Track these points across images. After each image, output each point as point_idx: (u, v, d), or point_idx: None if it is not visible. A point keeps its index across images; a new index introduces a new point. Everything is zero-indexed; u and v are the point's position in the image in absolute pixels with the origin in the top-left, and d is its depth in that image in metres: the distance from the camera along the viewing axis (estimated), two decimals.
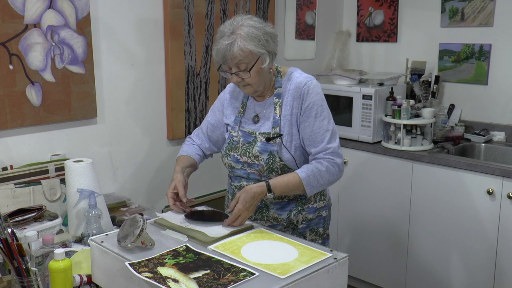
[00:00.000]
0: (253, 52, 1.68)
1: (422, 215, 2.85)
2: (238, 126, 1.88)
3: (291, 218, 1.87)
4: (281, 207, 1.87)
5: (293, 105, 1.80)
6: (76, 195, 1.81)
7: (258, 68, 1.71)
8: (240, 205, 1.63)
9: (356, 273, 3.18)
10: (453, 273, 2.77)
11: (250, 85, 1.75)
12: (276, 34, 1.77)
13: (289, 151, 1.79)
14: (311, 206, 1.90)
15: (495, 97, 3.09)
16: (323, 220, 1.95)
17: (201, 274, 1.27)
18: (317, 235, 1.93)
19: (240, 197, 1.65)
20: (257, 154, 1.80)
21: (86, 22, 2.24)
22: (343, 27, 3.73)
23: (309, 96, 1.78)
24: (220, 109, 1.98)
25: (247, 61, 1.69)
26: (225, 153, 1.90)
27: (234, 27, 1.69)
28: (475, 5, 3.09)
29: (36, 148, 2.17)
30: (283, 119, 1.80)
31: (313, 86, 1.79)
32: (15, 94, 2.06)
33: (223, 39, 1.69)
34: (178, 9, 2.58)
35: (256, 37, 1.68)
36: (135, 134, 2.55)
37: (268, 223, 1.88)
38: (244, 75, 1.71)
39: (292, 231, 1.89)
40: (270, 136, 1.79)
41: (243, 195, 1.65)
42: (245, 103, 1.91)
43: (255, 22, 1.71)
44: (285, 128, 1.80)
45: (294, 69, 1.87)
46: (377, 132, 3.06)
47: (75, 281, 1.44)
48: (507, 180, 2.51)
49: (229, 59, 1.68)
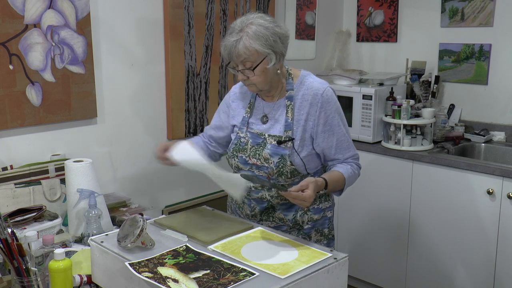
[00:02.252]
0: (258, 51, 1.66)
1: (422, 215, 2.86)
2: (246, 127, 1.86)
3: (297, 218, 1.87)
4: (287, 208, 1.86)
5: (309, 112, 1.78)
6: (76, 195, 1.81)
7: (263, 68, 1.70)
8: (311, 192, 1.58)
9: (356, 273, 3.18)
10: (453, 273, 2.77)
11: (255, 84, 1.74)
12: (286, 35, 1.74)
13: (300, 156, 1.78)
14: (316, 207, 1.89)
15: (495, 97, 3.09)
16: (328, 221, 1.95)
17: (201, 274, 1.27)
18: (322, 235, 1.93)
19: (309, 186, 1.59)
20: (268, 157, 1.78)
21: (86, 22, 2.24)
22: (343, 27, 3.73)
23: (330, 105, 1.79)
24: (225, 110, 1.96)
25: (252, 60, 1.68)
26: (232, 154, 1.88)
27: (244, 24, 1.68)
28: (475, 5, 3.09)
29: (36, 148, 2.17)
30: (296, 123, 1.78)
31: (330, 94, 1.81)
32: (15, 94, 2.06)
33: (231, 35, 1.68)
34: (178, 9, 2.58)
35: (263, 36, 1.66)
36: (135, 134, 2.55)
37: (274, 224, 1.87)
38: (249, 73, 1.71)
39: (297, 232, 1.88)
40: (282, 139, 1.78)
41: (313, 184, 1.60)
42: (252, 103, 1.89)
43: (266, 22, 1.69)
44: (297, 133, 1.78)
45: (306, 73, 1.86)
46: (377, 132, 3.06)
47: (75, 281, 1.44)
48: (507, 180, 2.51)
49: (234, 56, 1.68)
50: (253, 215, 1.89)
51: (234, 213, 2.00)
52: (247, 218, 1.89)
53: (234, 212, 2.00)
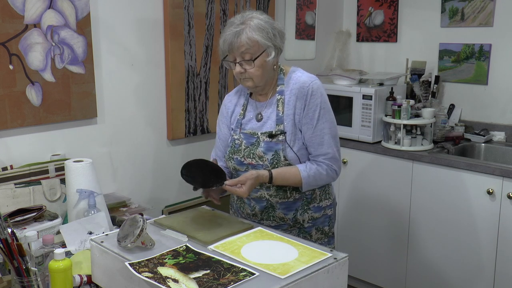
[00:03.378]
0: (259, 43, 1.70)
1: (422, 215, 2.85)
2: (239, 129, 1.88)
3: (297, 217, 1.88)
4: (287, 207, 1.87)
5: (296, 105, 1.80)
6: (76, 195, 1.81)
7: (262, 61, 1.72)
8: (246, 189, 1.67)
9: (356, 273, 3.18)
10: (453, 273, 2.77)
11: (251, 78, 1.75)
12: (283, 32, 1.80)
13: (293, 149, 1.79)
14: (316, 205, 1.90)
15: (495, 97, 3.09)
16: (329, 219, 1.95)
17: (201, 274, 1.27)
18: (323, 233, 1.94)
19: (247, 182, 1.67)
20: (261, 155, 1.80)
21: (86, 22, 2.24)
22: (343, 27, 3.73)
23: (313, 97, 1.78)
24: (224, 121, 1.97)
25: (252, 51, 1.70)
26: (228, 156, 1.89)
27: (245, 18, 1.72)
28: (475, 5, 3.09)
29: (36, 148, 2.17)
30: (286, 118, 1.80)
31: (316, 87, 1.79)
32: (15, 94, 2.06)
33: (232, 27, 1.71)
34: (178, 9, 2.58)
35: (264, 29, 1.71)
36: (135, 134, 2.55)
37: (275, 223, 1.88)
38: (248, 65, 1.72)
39: (298, 230, 1.89)
40: (273, 133, 1.79)
41: (250, 181, 1.68)
42: (245, 105, 1.90)
43: (265, 17, 1.76)
44: (288, 127, 1.80)
45: (296, 68, 1.88)
46: (377, 132, 3.06)
47: (75, 281, 1.44)
48: (507, 180, 2.51)
49: (236, 47, 1.70)
50: (254, 215, 1.90)
51: (236, 212, 2.00)
52: (248, 218, 1.90)
53: (236, 211, 2.00)
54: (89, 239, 1.50)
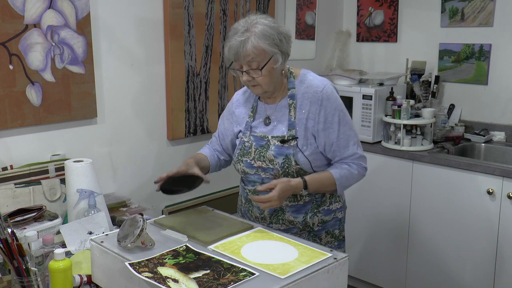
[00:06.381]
0: (266, 50, 1.66)
1: (422, 215, 2.86)
2: (249, 132, 1.85)
3: (307, 220, 1.85)
4: (297, 210, 1.84)
5: (309, 110, 1.77)
6: (76, 195, 1.81)
7: (270, 68, 1.69)
8: (276, 193, 1.63)
9: (356, 273, 3.18)
10: (453, 273, 2.77)
11: (260, 85, 1.72)
12: (289, 35, 1.75)
13: (304, 154, 1.77)
14: (326, 208, 1.87)
15: (495, 97, 3.09)
16: (339, 222, 1.93)
17: (201, 274, 1.27)
18: (333, 237, 1.91)
19: (277, 185, 1.65)
20: (272, 158, 1.77)
21: (86, 22, 2.24)
22: (343, 27, 3.73)
23: (329, 102, 1.76)
24: (228, 117, 1.96)
25: (259, 60, 1.66)
26: (237, 159, 1.87)
27: (249, 24, 1.67)
28: (475, 5, 3.09)
29: (36, 148, 2.17)
30: (298, 122, 1.77)
31: (331, 91, 1.78)
32: (15, 94, 2.06)
33: (236, 35, 1.66)
34: (178, 9, 2.58)
35: (270, 36, 1.66)
36: (135, 134, 2.55)
37: (284, 227, 1.85)
38: (255, 74, 1.69)
39: (308, 234, 1.86)
40: (285, 138, 1.77)
41: (281, 184, 1.65)
42: (254, 107, 1.88)
43: (270, 22, 1.70)
44: (300, 132, 1.77)
45: (307, 71, 1.85)
46: (377, 132, 3.06)
47: (75, 281, 1.44)
48: (507, 180, 2.51)
49: (242, 56, 1.66)
50: (263, 218, 1.88)
51: (244, 216, 1.97)
52: (257, 221, 1.87)
53: (244, 215, 1.97)
54: (89, 239, 1.50)
